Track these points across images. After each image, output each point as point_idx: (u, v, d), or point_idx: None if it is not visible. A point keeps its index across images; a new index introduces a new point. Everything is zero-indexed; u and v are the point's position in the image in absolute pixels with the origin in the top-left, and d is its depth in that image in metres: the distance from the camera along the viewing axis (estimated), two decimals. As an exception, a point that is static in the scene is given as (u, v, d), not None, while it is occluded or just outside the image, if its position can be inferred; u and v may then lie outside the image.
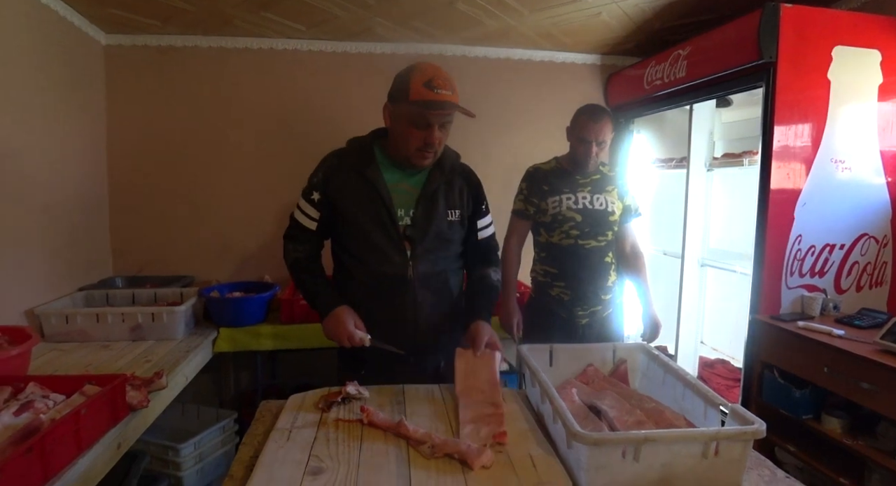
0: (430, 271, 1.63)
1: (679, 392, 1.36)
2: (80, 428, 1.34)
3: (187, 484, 2.48)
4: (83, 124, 2.82)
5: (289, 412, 1.32)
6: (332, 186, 1.63)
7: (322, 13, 2.75)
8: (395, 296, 1.61)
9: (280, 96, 3.18)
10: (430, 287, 1.63)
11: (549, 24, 2.97)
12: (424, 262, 1.61)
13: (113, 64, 3.04)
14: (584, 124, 2.21)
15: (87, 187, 2.85)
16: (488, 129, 3.41)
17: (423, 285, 1.61)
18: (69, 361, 2.05)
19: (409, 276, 1.60)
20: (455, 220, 1.66)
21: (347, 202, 1.61)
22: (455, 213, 1.67)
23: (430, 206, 1.63)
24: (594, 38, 3.22)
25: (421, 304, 1.62)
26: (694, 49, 2.74)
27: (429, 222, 1.61)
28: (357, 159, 1.64)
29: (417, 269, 1.60)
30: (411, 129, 1.55)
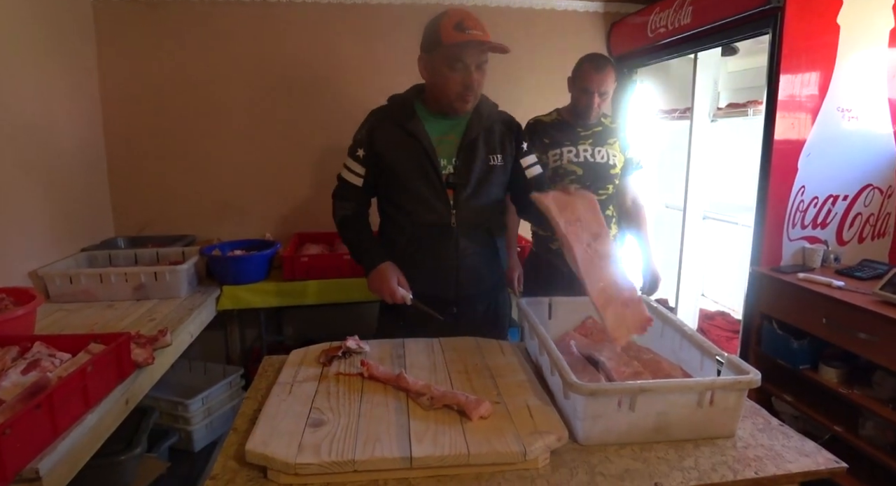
0: (471, 220, 1.66)
1: (676, 344, 1.37)
2: (87, 385, 1.37)
3: (197, 438, 2.55)
4: (76, 83, 2.77)
5: (291, 367, 1.34)
6: (376, 141, 1.68)
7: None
8: (438, 244, 1.66)
9: (276, 50, 3.10)
10: (470, 235, 1.67)
11: (550, -29, 2.87)
12: (466, 210, 1.65)
13: (103, 20, 2.95)
14: (587, 74, 2.16)
15: (84, 147, 2.82)
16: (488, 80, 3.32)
17: (464, 233, 1.66)
18: (74, 321, 2.08)
19: (451, 223, 1.64)
20: (497, 164, 1.68)
21: (392, 155, 1.65)
22: (497, 157, 1.69)
23: (471, 153, 1.66)
24: (597, -15, 3.11)
25: (463, 251, 1.66)
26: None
27: (470, 168, 1.64)
28: (399, 114, 1.68)
29: (460, 216, 1.64)
30: (450, 73, 1.57)
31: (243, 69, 3.09)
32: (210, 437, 2.63)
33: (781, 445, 1.11)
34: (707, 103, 3.12)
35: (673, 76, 3.54)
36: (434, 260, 1.67)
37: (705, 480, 1.00)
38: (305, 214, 3.25)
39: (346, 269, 2.66)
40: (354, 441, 1.00)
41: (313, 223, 3.18)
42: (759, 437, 1.14)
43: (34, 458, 1.17)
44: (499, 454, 0.98)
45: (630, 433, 1.09)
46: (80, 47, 2.83)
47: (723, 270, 3.40)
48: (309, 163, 3.22)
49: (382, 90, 1.87)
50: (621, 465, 1.03)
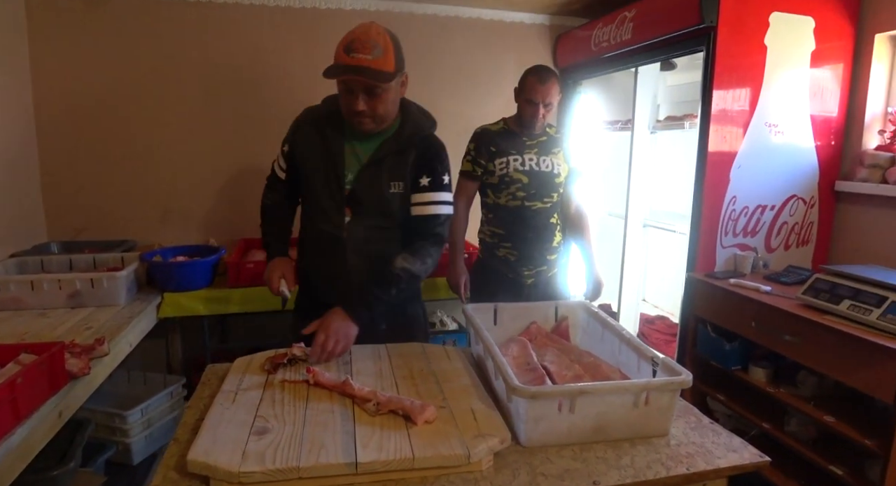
0: (362, 237, 1.62)
1: (616, 347, 1.43)
2: (17, 397, 1.31)
3: (135, 450, 2.46)
4: (5, 81, 2.64)
5: (235, 375, 1.33)
6: (297, 140, 1.69)
7: (262, -35, 2.63)
8: (330, 254, 1.65)
9: (220, 51, 3.04)
10: (361, 253, 1.62)
11: (498, -18, 2.93)
12: (359, 228, 1.61)
13: (36, 16, 2.82)
14: (532, 85, 2.22)
15: (14, 147, 2.69)
16: (437, 89, 3.38)
17: (354, 248, 1.62)
18: (3, 330, 1.97)
19: (342, 237, 1.61)
20: (397, 192, 1.61)
21: (305, 158, 1.66)
22: (399, 185, 1.61)
23: (373, 173, 1.60)
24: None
25: (351, 267, 1.62)
26: (639, 11, 2.77)
27: (369, 190, 1.60)
28: (325, 118, 1.66)
29: (352, 232, 1.61)
30: (342, 94, 1.54)
31: (185, 69, 3.01)
32: (150, 449, 2.54)
33: (711, 442, 1.18)
34: (647, 115, 3.25)
35: (616, 88, 3.67)
36: (326, 269, 1.67)
37: (640, 477, 1.05)
38: (251, 219, 3.16)
39: (293, 275, 2.63)
40: (300, 448, 1.00)
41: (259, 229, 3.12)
42: (691, 435, 1.20)
43: (-41, 474, 1.11)
44: (443, 457, 1.00)
45: (570, 434, 1.13)
46: (10, 44, 2.70)
47: (662, 275, 3.53)
48: (254, 166, 3.16)
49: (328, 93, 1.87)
50: (562, 465, 1.07)
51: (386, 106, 1.54)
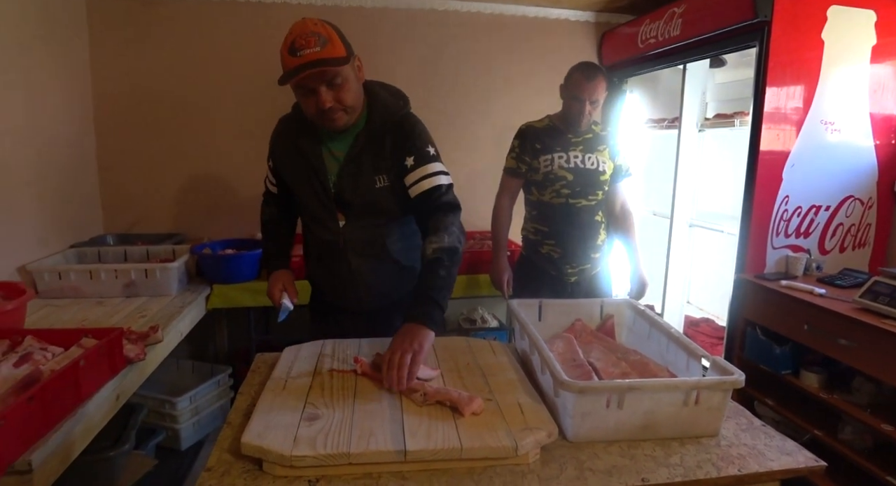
0: (361, 238, 1.59)
1: (663, 346, 1.40)
2: (80, 379, 1.37)
3: (184, 436, 2.55)
4: (67, 80, 2.77)
5: (284, 363, 1.36)
6: (276, 154, 1.67)
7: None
8: (332, 261, 1.63)
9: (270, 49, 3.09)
10: (364, 254, 1.60)
11: (544, -20, 2.92)
12: (356, 229, 1.58)
13: (96, 16, 2.95)
14: (578, 82, 2.20)
15: (74, 144, 2.81)
16: (482, 87, 3.38)
17: (354, 252, 1.59)
18: (64, 316, 2.07)
19: (340, 243, 1.58)
20: (384, 185, 1.53)
21: (287, 171, 1.64)
22: (383, 178, 1.53)
23: (354, 171, 1.53)
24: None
25: (356, 270, 1.61)
26: (689, 6, 2.71)
27: (354, 191, 1.53)
28: (295, 126, 1.60)
29: (348, 237, 1.58)
30: (302, 99, 1.47)
31: (237, 67, 3.10)
32: (196, 436, 2.62)
33: (764, 444, 1.15)
34: (695, 113, 3.18)
35: (662, 86, 3.60)
36: (330, 276, 1.67)
37: (690, 476, 1.03)
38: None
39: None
40: (349, 435, 1.02)
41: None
42: (743, 436, 1.18)
43: (26, 450, 1.17)
44: (490, 448, 1.00)
45: (618, 431, 1.12)
46: (72, 44, 2.83)
47: (708, 277, 3.45)
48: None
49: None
50: (609, 461, 1.06)
51: (351, 94, 1.45)
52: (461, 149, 3.40)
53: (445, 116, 3.36)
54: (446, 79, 3.34)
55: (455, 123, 3.39)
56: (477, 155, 3.39)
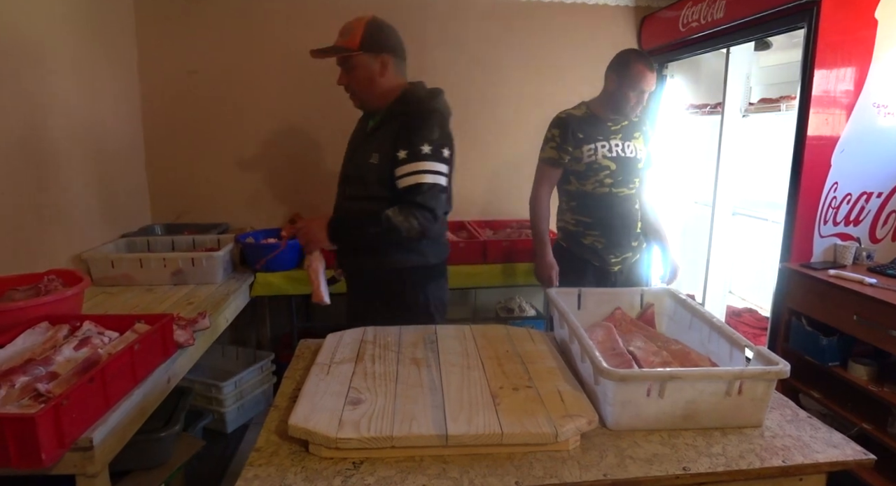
0: (343, 207, 1.83)
1: (705, 335, 1.39)
2: (135, 362, 1.44)
3: (229, 419, 2.64)
4: (117, 76, 2.86)
5: (327, 349, 1.39)
6: None
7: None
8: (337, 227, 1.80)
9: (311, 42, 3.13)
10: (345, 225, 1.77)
11: (582, -36, 2.87)
12: (346, 199, 1.82)
13: (143, 14, 3.04)
14: (642, 73, 2.16)
15: (124, 137, 2.91)
16: (517, 75, 3.36)
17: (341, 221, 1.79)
18: (117, 303, 2.16)
19: (335, 207, 1.87)
20: (374, 163, 1.70)
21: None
22: (375, 156, 1.70)
23: (360, 148, 1.79)
24: (628, -22, 3.10)
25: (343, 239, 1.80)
26: (733, -12, 2.63)
27: (352, 163, 1.80)
28: None
29: (340, 203, 1.86)
30: None
31: (280, 58, 3.15)
32: (241, 419, 2.71)
33: (809, 436, 1.13)
34: (739, 98, 3.10)
35: (704, 71, 3.51)
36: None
37: (733, 466, 1.02)
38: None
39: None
40: (392, 419, 1.05)
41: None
42: (787, 428, 1.16)
43: (88, 428, 1.23)
44: (531, 434, 1.02)
45: (659, 420, 1.11)
46: (121, 41, 2.92)
47: (751, 266, 3.37)
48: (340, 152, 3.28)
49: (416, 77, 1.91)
50: (650, 449, 1.06)
51: (358, 82, 1.75)
52: (498, 137, 3.40)
53: (483, 104, 3.35)
54: (484, 67, 3.33)
55: (492, 111, 3.38)
56: (514, 143, 3.38)
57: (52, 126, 2.25)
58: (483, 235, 3.01)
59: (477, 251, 2.85)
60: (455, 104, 2.09)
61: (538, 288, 2.61)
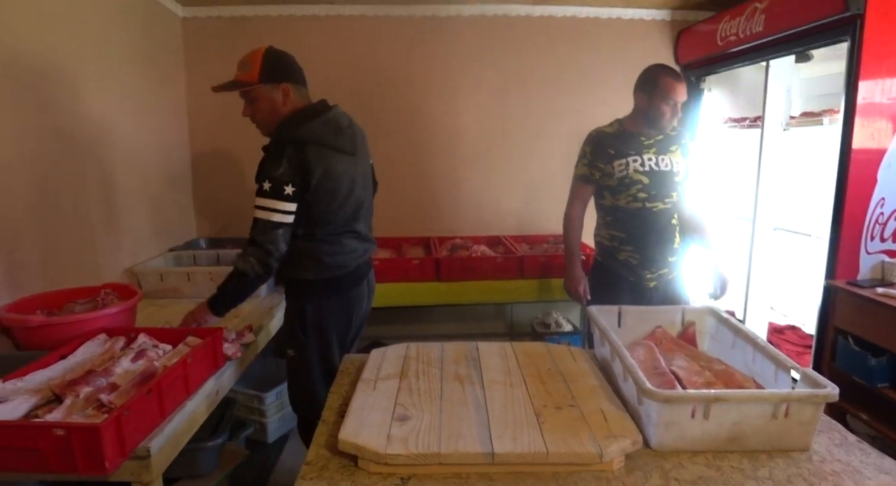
0: None
1: (749, 355, 1.37)
2: (188, 374, 1.49)
3: (271, 429, 2.69)
4: (166, 95, 2.99)
5: (372, 365, 1.43)
6: None
7: (389, -22, 2.78)
8: None
9: (348, 61, 3.24)
10: None
11: (618, -20, 2.89)
12: None
13: (190, 36, 3.17)
14: (672, 86, 2.17)
15: (172, 155, 3.04)
16: (551, 90, 3.39)
17: None
18: (166, 315, 2.24)
19: None
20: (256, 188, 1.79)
21: None
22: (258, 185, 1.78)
23: None
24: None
25: None
26: (772, 2, 2.61)
27: None
28: None
29: None
30: None
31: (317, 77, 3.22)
32: (282, 430, 2.76)
33: (860, 461, 1.11)
34: (779, 111, 3.06)
35: (742, 84, 3.48)
36: None
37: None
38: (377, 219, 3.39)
39: (414, 273, 2.76)
40: (438, 436, 1.07)
41: (383, 229, 3.30)
42: (836, 452, 1.14)
43: (145, 438, 1.29)
44: (576, 454, 1.03)
45: (703, 442, 1.11)
46: (170, 63, 3.05)
47: (793, 282, 3.30)
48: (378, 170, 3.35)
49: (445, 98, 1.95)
50: (695, 471, 1.06)
51: (261, 112, 1.84)
52: (533, 151, 3.42)
53: (518, 119, 3.39)
54: (519, 82, 3.37)
55: (526, 127, 3.41)
56: (548, 157, 3.40)
57: (109, 147, 2.37)
58: (520, 250, 3.03)
59: (513, 266, 2.87)
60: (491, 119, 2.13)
61: (575, 303, 2.61)
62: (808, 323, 3.07)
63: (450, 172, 3.44)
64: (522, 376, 1.37)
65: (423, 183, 3.43)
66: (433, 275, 2.82)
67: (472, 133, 3.39)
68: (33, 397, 1.32)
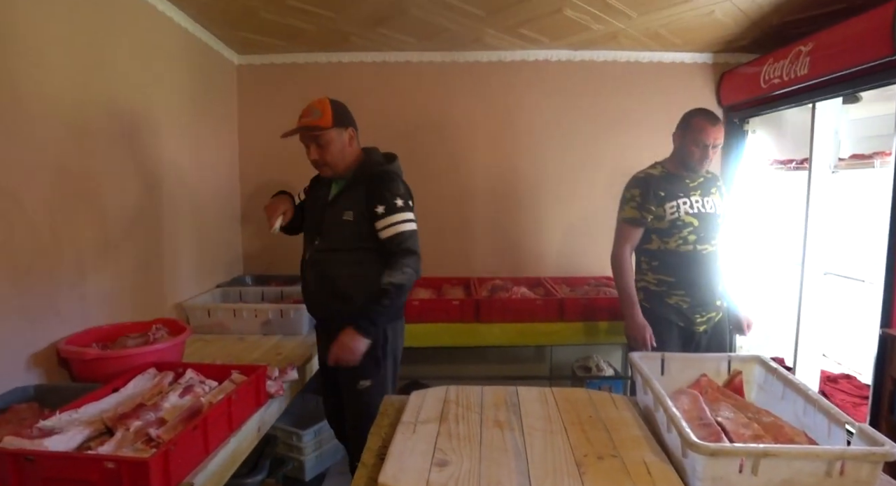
0: (317, 259, 2.03)
1: (800, 408, 1.33)
2: (232, 411, 1.53)
3: (308, 467, 2.70)
4: (220, 138, 3.15)
5: (412, 408, 1.43)
6: (307, 186, 2.24)
7: (434, 27, 2.88)
8: (302, 271, 2.11)
9: (394, 105, 3.36)
10: (316, 271, 2.03)
11: (658, 26, 2.92)
12: (318, 251, 2.02)
13: (243, 81, 3.35)
14: (703, 128, 2.18)
15: (224, 194, 3.17)
16: (592, 133, 3.41)
17: (311, 267, 2.05)
18: (212, 350, 2.31)
19: (305, 258, 2.07)
20: (349, 219, 1.96)
21: (308, 198, 2.18)
22: (350, 214, 1.96)
23: (333, 207, 2.01)
24: (706, 37, 3.12)
25: (309, 281, 2.07)
26: (817, 45, 2.59)
27: (330, 221, 1.99)
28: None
29: (312, 255, 2.04)
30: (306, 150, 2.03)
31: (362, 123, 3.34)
32: (318, 468, 2.77)
33: (923, 525, 1.05)
34: (827, 153, 2.99)
35: (788, 125, 3.43)
36: (301, 283, 2.13)
37: (836, 554, 0.97)
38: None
39: (454, 313, 2.77)
40: (478, 483, 1.07)
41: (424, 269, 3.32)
42: (897, 514, 1.09)
43: (190, 472, 1.32)
44: (618, 507, 1.01)
45: (752, 499, 1.07)
46: (225, 107, 3.22)
47: (847, 329, 3.17)
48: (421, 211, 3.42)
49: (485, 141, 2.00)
50: (744, 530, 1.02)
51: (332, 154, 1.97)
52: (574, 193, 3.44)
53: (556, 163, 3.42)
54: (558, 126, 3.41)
55: (566, 169, 3.43)
56: (588, 200, 3.41)
57: (164, 186, 2.50)
58: (560, 292, 3.01)
59: (554, 308, 2.85)
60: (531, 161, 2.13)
61: (616, 347, 2.57)
62: (864, 372, 2.93)
63: (490, 214, 3.47)
64: (563, 423, 1.35)
65: (463, 224, 3.47)
66: (473, 316, 2.83)
67: (512, 175, 3.43)
68: (87, 428, 1.38)
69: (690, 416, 1.34)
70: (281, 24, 2.83)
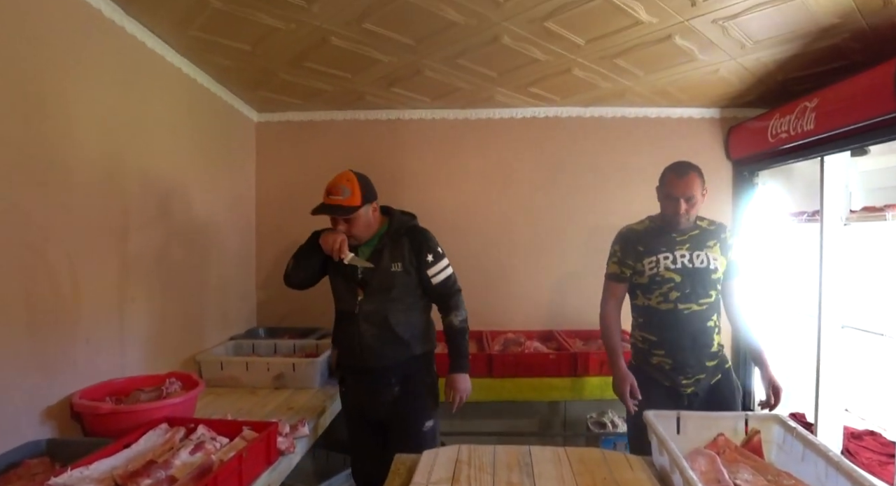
0: (371, 310, 2.10)
1: (821, 470, 1.29)
2: (242, 469, 1.52)
3: (317, 526, 2.64)
4: (238, 192, 3.23)
5: (424, 468, 1.42)
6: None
7: (446, 86, 2.99)
8: (347, 325, 2.14)
9: (406, 159, 3.44)
10: (371, 321, 2.09)
11: (666, 83, 3.00)
12: (368, 303, 2.10)
13: (262, 137, 3.47)
14: (670, 181, 2.17)
15: (240, 247, 3.23)
16: (603, 187, 3.47)
17: (365, 319, 2.10)
18: (224, 404, 2.30)
19: (355, 312, 2.11)
20: (398, 270, 2.10)
21: (330, 266, 2.19)
22: (398, 265, 2.10)
23: (376, 260, 2.10)
24: (712, 93, 3.19)
25: (363, 333, 2.10)
26: (822, 101, 2.65)
27: (373, 273, 2.09)
28: None
29: (363, 307, 2.10)
30: (331, 222, 2.13)
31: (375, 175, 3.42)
32: (328, 526, 2.70)
33: None
34: (838, 206, 2.99)
35: (799, 177, 3.45)
36: (345, 338, 2.16)
37: None
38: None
39: (482, 368, 2.76)
40: (490, 549, 1.05)
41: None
42: None
43: (199, 535, 1.31)
44: None
45: (775, 568, 1.04)
46: (243, 162, 3.33)
47: (869, 383, 3.09)
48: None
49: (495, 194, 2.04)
50: None
51: (359, 228, 2.09)
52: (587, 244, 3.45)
53: (567, 217, 3.48)
54: (568, 181, 3.48)
55: (577, 223, 3.48)
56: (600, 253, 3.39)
57: (184, 241, 2.55)
58: (573, 346, 2.99)
59: (567, 363, 2.82)
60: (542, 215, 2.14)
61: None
62: (889, 428, 2.84)
63: (502, 267, 3.49)
64: (577, 485, 1.32)
65: (475, 277, 3.47)
66: (486, 371, 2.80)
67: (522, 229, 3.48)
68: (98, 487, 1.37)
69: (708, 478, 1.31)
70: (299, 85, 2.95)
